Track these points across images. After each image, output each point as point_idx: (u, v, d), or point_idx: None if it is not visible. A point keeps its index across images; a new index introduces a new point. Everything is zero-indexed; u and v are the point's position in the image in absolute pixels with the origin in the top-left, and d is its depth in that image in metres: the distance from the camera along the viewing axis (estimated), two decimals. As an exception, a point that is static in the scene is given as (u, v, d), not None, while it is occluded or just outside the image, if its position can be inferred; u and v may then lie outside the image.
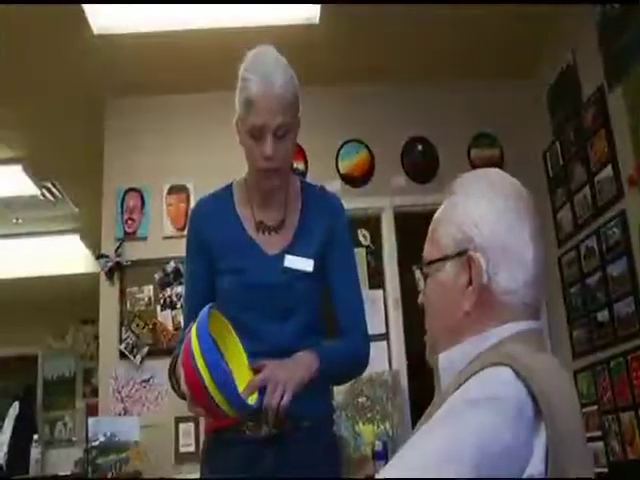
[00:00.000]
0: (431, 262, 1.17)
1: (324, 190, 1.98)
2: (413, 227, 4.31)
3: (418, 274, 1.23)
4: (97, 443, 3.50)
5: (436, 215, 1.21)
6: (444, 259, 1.14)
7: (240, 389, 1.50)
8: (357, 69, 4.19)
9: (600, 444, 3.52)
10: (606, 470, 3.47)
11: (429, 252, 1.19)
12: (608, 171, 3.49)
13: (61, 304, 7.34)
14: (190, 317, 1.89)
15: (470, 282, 1.10)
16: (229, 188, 1.95)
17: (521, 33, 3.93)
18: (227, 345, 1.58)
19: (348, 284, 1.89)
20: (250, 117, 1.75)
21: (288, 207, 1.90)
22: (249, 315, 1.79)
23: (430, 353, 1.20)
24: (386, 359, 4.01)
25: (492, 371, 0.98)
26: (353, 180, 4.30)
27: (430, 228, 1.21)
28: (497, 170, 1.21)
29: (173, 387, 1.71)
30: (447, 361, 1.13)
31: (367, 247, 4.29)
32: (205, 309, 1.52)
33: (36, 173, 5.02)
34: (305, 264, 1.83)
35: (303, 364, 1.66)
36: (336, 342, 1.85)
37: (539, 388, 0.95)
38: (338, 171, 4.31)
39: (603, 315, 3.55)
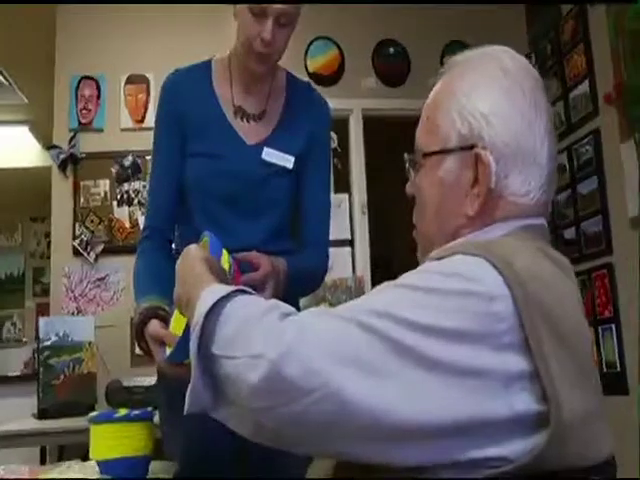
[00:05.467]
0: (429, 154, 1.02)
1: (311, 87, 1.84)
2: (382, 131, 4.20)
3: (408, 163, 1.08)
4: (49, 343, 3.33)
5: (432, 98, 1.04)
6: (445, 152, 0.99)
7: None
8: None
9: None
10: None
11: (425, 141, 1.03)
12: (584, 87, 3.41)
13: (9, 200, 7.01)
14: (154, 216, 1.71)
15: (475, 182, 0.96)
16: (207, 65, 1.77)
17: None
18: None
19: (319, 196, 1.77)
20: None
21: (271, 97, 1.75)
22: (218, 207, 1.66)
23: (422, 254, 1.07)
24: (350, 265, 3.93)
25: (463, 257, 0.87)
26: (321, 79, 4.08)
27: (425, 113, 1.05)
28: (506, 49, 1.05)
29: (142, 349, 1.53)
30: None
31: (334, 150, 4.13)
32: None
33: (-19, 59, 4.68)
34: (284, 160, 1.69)
35: (279, 276, 1.54)
36: (301, 256, 1.71)
37: (517, 279, 0.83)
38: (306, 69, 4.10)
39: (570, 232, 3.54)
